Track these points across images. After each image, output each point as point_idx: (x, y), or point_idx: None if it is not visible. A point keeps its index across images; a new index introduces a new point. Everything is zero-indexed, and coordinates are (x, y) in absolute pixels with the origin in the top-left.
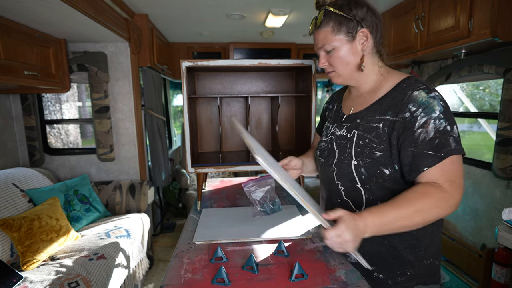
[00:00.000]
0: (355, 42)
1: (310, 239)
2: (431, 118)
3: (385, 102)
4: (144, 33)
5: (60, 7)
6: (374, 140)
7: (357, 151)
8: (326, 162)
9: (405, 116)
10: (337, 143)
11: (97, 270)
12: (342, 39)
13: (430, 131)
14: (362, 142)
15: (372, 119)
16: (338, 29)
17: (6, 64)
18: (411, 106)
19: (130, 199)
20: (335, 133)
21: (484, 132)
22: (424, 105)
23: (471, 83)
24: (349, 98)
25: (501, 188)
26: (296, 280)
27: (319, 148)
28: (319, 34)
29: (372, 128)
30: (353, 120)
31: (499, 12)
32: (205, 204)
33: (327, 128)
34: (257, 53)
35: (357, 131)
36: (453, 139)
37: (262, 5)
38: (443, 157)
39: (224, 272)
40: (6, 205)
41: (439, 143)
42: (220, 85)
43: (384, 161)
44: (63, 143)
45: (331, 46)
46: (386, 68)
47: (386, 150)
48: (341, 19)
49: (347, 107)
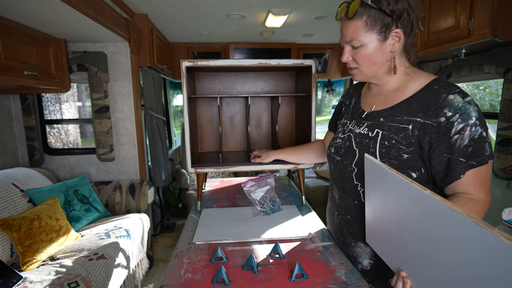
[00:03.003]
0: (386, 42)
1: (310, 239)
2: (468, 125)
3: (414, 103)
4: (144, 33)
5: (60, 7)
6: (402, 142)
7: (382, 152)
8: (342, 160)
9: (440, 120)
10: (356, 142)
11: (97, 270)
12: (373, 37)
13: (465, 138)
14: (388, 143)
15: (400, 120)
16: (371, 26)
17: (6, 64)
18: (447, 111)
19: (130, 199)
20: (354, 131)
21: None
22: (461, 111)
23: (471, 83)
24: (370, 94)
25: (501, 188)
26: (296, 280)
27: (334, 145)
28: (349, 26)
29: (399, 129)
30: (375, 118)
31: (499, 12)
32: (205, 204)
33: (344, 124)
34: (257, 53)
35: (381, 131)
36: (488, 145)
37: (262, 5)
38: (474, 165)
39: (224, 272)
40: (6, 205)
41: (472, 151)
42: (220, 85)
43: (412, 163)
44: (63, 143)
45: (360, 42)
46: (412, 68)
47: (415, 153)
48: (376, 15)
49: (368, 104)
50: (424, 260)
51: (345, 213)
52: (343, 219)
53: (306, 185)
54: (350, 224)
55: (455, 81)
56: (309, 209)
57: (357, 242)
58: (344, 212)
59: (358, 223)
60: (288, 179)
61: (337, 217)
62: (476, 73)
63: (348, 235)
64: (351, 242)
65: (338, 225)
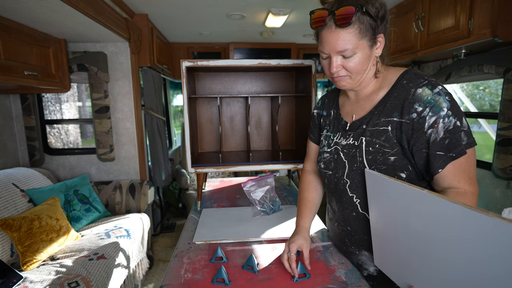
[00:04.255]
0: (374, 48)
1: (310, 239)
2: (440, 117)
3: (388, 102)
4: (144, 33)
5: (60, 7)
6: (385, 144)
7: (369, 159)
8: (334, 173)
9: (412, 117)
10: (344, 153)
11: (97, 270)
12: (364, 44)
13: (440, 131)
14: (372, 148)
15: (378, 123)
16: (364, 33)
17: (6, 64)
18: (417, 106)
19: (130, 199)
20: (340, 143)
21: (484, 132)
22: (431, 104)
23: (471, 83)
24: (348, 103)
25: (501, 188)
26: (299, 280)
27: (322, 160)
28: (341, 35)
29: (379, 132)
30: (358, 127)
31: (499, 12)
32: (205, 204)
33: (328, 137)
34: (257, 53)
35: (364, 137)
36: (464, 134)
37: (262, 5)
38: (454, 157)
39: (224, 272)
40: (6, 205)
41: (449, 143)
42: (220, 85)
43: (399, 164)
44: (63, 143)
45: (353, 51)
46: (384, 67)
47: (399, 153)
48: (368, 21)
49: (348, 114)
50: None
51: (344, 225)
52: (344, 230)
53: None
54: (351, 234)
55: (455, 81)
56: None
57: (361, 250)
58: (343, 223)
59: (359, 233)
60: (288, 179)
61: (338, 227)
62: (476, 73)
63: (351, 245)
64: (354, 251)
65: (339, 235)
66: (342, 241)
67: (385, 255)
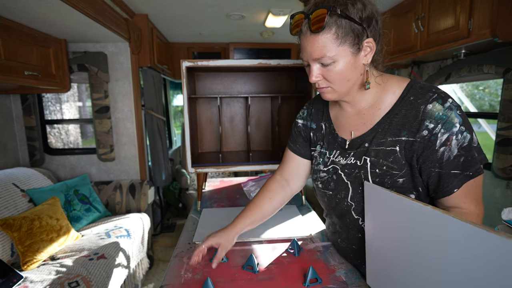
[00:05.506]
0: (359, 55)
1: (310, 239)
2: (452, 133)
3: (394, 120)
4: (144, 33)
5: (60, 7)
6: (393, 166)
7: (376, 182)
8: (336, 194)
9: (423, 134)
10: (346, 174)
11: (97, 270)
12: (346, 51)
13: (454, 149)
14: (379, 170)
15: (384, 142)
16: (343, 38)
17: (6, 64)
18: (428, 123)
19: (130, 199)
20: (339, 162)
21: (484, 132)
22: (443, 120)
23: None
24: (343, 116)
25: (501, 188)
26: (310, 285)
27: (319, 180)
28: (316, 41)
29: (386, 152)
30: (359, 146)
31: (499, 12)
32: (205, 204)
33: (322, 154)
34: (257, 53)
35: (368, 158)
36: (476, 150)
37: (262, 5)
38: (472, 176)
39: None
40: (6, 205)
41: (465, 160)
42: (220, 85)
43: (407, 186)
44: (63, 143)
45: (331, 59)
46: (381, 75)
47: (408, 175)
48: (347, 25)
49: (344, 129)
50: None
51: (349, 243)
52: (348, 247)
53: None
54: (357, 252)
55: (455, 81)
56: (309, 209)
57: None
58: (347, 241)
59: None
60: None
61: (341, 243)
62: (476, 73)
63: (356, 259)
64: (361, 264)
65: (344, 250)
66: (346, 255)
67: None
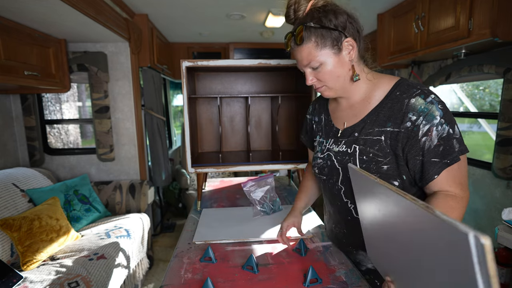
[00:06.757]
0: (341, 53)
1: (310, 239)
2: (433, 125)
3: (381, 112)
4: (144, 33)
5: (60, 7)
6: (379, 154)
7: (363, 167)
8: (328, 179)
9: (406, 126)
10: (338, 160)
11: (97, 270)
12: (328, 52)
13: (434, 139)
14: (366, 157)
15: (372, 132)
16: (322, 43)
17: (6, 64)
18: (411, 115)
19: (130, 199)
20: (332, 149)
21: (484, 132)
22: (424, 113)
23: (471, 83)
24: (339, 109)
25: (501, 188)
26: (310, 285)
27: (316, 166)
28: (302, 51)
29: (373, 141)
30: (350, 134)
31: (499, 12)
32: (205, 204)
33: (321, 143)
34: (257, 53)
35: (357, 146)
36: (456, 141)
37: (262, 5)
38: (449, 164)
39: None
40: (6, 205)
41: (443, 149)
42: (220, 85)
43: (392, 173)
44: (63, 143)
45: (318, 62)
46: (373, 73)
47: (392, 162)
48: (323, 32)
49: (339, 120)
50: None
51: (341, 227)
52: (341, 231)
53: None
54: (348, 236)
55: (455, 81)
56: (309, 209)
57: (358, 250)
58: (340, 225)
59: (355, 235)
60: (288, 179)
61: (335, 229)
62: (476, 73)
63: (348, 245)
64: (352, 250)
65: (337, 236)
66: (340, 241)
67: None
